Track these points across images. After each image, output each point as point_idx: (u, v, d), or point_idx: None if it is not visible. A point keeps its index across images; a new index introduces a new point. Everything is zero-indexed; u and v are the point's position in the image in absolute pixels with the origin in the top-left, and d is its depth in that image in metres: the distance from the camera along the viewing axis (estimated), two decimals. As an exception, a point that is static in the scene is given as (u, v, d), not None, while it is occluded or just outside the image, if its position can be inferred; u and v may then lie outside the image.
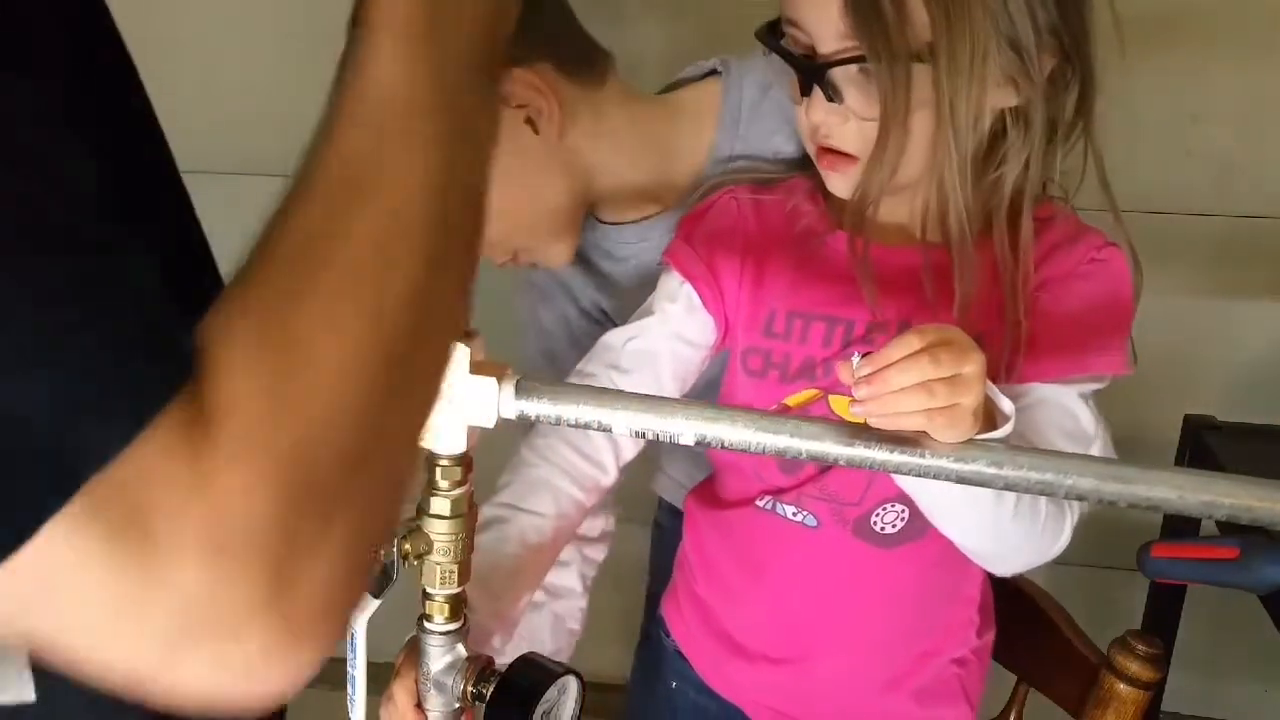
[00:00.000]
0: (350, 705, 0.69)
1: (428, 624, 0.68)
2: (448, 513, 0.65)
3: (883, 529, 0.87)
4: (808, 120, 0.82)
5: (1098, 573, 1.51)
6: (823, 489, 0.88)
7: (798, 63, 0.81)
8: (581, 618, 1.02)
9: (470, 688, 0.69)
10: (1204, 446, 1.33)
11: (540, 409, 0.61)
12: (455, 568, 0.66)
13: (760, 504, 0.91)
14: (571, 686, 0.69)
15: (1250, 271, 1.50)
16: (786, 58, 0.81)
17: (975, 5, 0.74)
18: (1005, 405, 0.68)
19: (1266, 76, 1.41)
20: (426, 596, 0.68)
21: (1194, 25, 1.38)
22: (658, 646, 1.06)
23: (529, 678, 0.67)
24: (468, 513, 0.66)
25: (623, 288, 1.06)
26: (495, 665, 0.70)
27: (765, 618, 0.95)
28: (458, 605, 0.68)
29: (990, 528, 0.77)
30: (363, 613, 0.65)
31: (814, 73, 0.79)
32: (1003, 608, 1.01)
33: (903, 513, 0.86)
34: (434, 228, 0.42)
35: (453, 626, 0.68)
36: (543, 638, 0.97)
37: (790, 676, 0.95)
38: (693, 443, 0.60)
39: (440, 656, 0.69)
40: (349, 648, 0.67)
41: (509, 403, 0.61)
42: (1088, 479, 0.58)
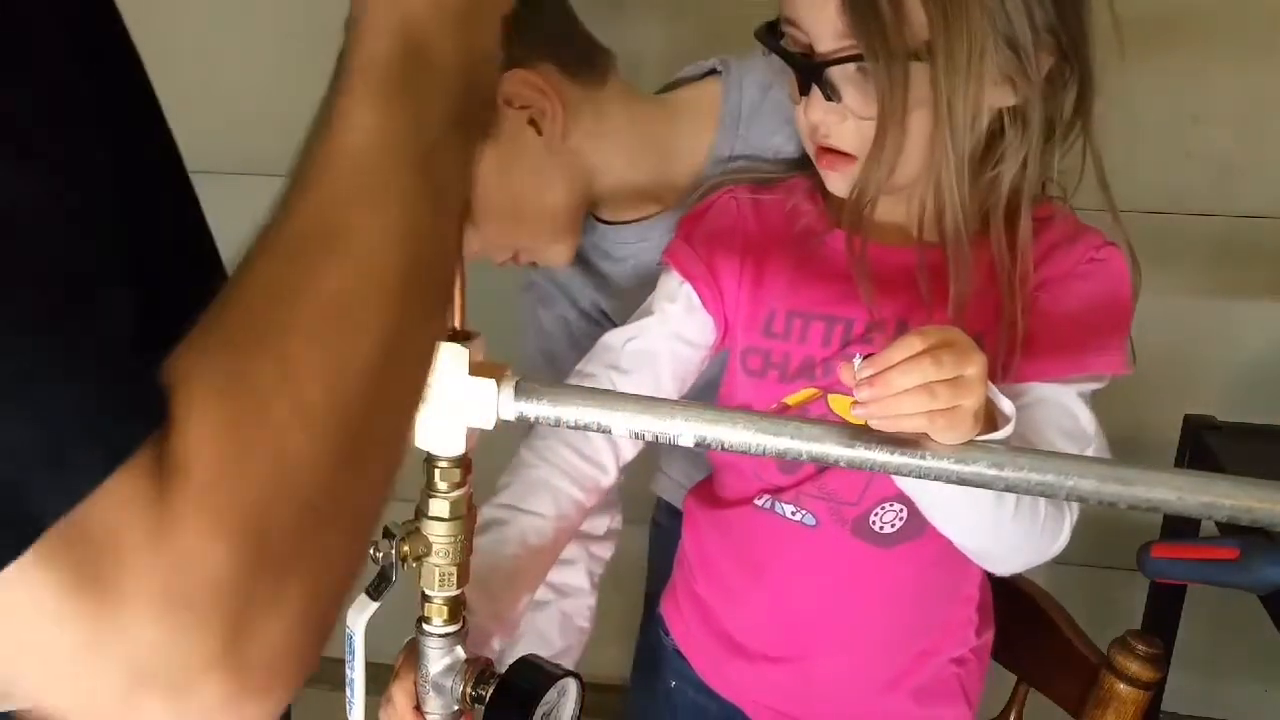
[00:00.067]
0: (349, 707, 0.69)
1: (426, 626, 0.68)
2: (447, 515, 0.65)
3: (881, 528, 0.87)
4: (806, 119, 0.83)
5: (1098, 573, 1.51)
6: (821, 488, 0.88)
7: (796, 62, 0.81)
8: (590, 615, 1.02)
9: (469, 690, 0.69)
10: (1204, 446, 1.32)
11: (540, 410, 0.61)
12: (454, 570, 0.66)
13: (759, 503, 0.91)
14: (571, 689, 0.69)
15: (1250, 271, 1.50)
16: (785, 57, 0.81)
17: (973, 4, 0.74)
18: (1006, 406, 0.68)
19: (1266, 77, 1.41)
20: (425, 598, 0.68)
21: (1194, 25, 1.38)
22: (657, 646, 1.05)
23: (528, 680, 0.67)
24: (467, 515, 0.66)
25: (622, 288, 1.06)
26: (494, 667, 0.70)
27: (764, 617, 0.95)
28: (457, 607, 0.68)
29: (990, 528, 0.77)
30: (362, 614, 0.65)
31: (812, 72, 0.79)
32: (1002, 607, 1.01)
33: (901, 512, 0.86)
34: (399, 290, 0.42)
35: (452, 629, 0.68)
36: (552, 636, 0.97)
37: (789, 675, 0.95)
38: (692, 444, 0.60)
39: (439, 659, 0.69)
40: (348, 649, 0.67)
41: (508, 404, 0.61)
42: (1088, 480, 0.58)
